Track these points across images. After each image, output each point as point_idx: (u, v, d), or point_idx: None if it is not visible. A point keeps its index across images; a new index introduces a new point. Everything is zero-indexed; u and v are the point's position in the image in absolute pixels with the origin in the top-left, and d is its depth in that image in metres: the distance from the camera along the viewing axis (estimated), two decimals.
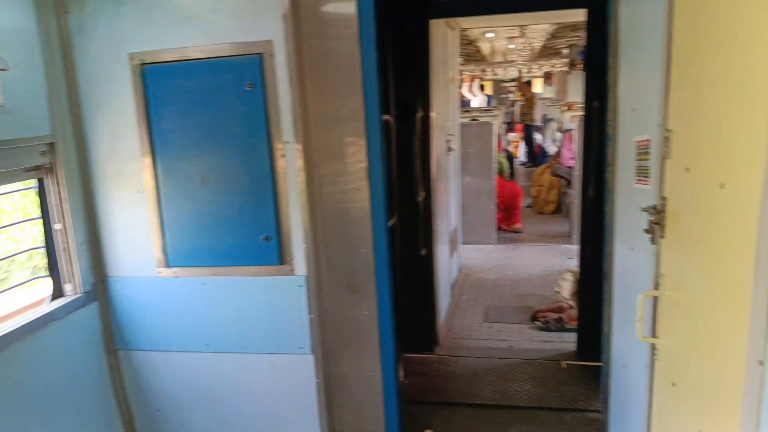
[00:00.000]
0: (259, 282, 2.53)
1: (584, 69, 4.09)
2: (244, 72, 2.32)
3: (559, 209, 8.37)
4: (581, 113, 8.15)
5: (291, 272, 2.52)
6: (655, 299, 1.76)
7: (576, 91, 13.17)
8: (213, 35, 2.34)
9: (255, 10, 2.29)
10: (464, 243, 6.39)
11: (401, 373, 3.75)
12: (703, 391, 1.34)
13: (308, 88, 2.43)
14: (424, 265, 4.02)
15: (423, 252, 3.94)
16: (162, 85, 2.43)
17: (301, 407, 2.64)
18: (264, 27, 2.29)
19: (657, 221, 1.71)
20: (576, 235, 6.76)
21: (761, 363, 1.01)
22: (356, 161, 2.55)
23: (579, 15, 6.92)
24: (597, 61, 3.79)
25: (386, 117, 2.86)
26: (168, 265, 2.57)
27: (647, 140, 1.89)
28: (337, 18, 2.44)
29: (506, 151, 10.05)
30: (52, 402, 2.35)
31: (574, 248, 6.64)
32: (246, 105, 2.34)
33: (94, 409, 2.64)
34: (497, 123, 7.47)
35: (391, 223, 3.02)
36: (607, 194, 2.59)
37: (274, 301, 2.55)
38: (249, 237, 2.47)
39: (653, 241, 1.77)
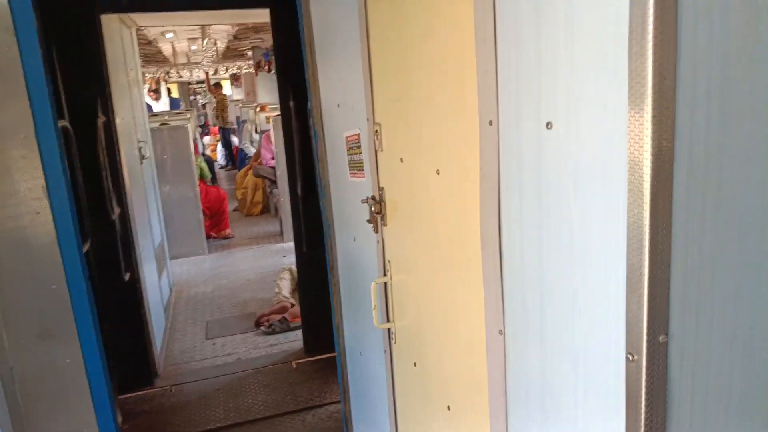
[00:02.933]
0: None
1: (276, 69, 4.11)
2: None
3: (267, 209, 8.43)
4: (276, 113, 8.34)
5: None
6: (386, 285, 1.83)
7: (266, 91, 13.45)
8: None
9: None
10: (173, 258, 5.92)
11: (119, 419, 3.26)
12: (446, 367, 1.43)
13: None
14: (130, 292, 3.55)
15: (127, 276, 3.47)
16: None
17: None
18: None
19: (378, 211, 1.77)
20: (288, 233, 6.91)
21: (501, 332, 1.09)
22: (30, 178, 2.07)
23: (261, 16, 7.01)
24: (288, 61, 3.87)
25: (63, 123, 2.39)
26: None
27: (357, 135, 1.95)
28: None
29: (204, 155, 9.70)
30: None
31: (287, 246, 6.78)
32: None
33: None
34: (191, 127, 7.09)
35: (85, 248, 2.55)
36: (321, 190, 2.62)
37: None
38: None
39: (376, 229, 1.84)
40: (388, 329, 1.87)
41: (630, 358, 0.76)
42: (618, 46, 0.71)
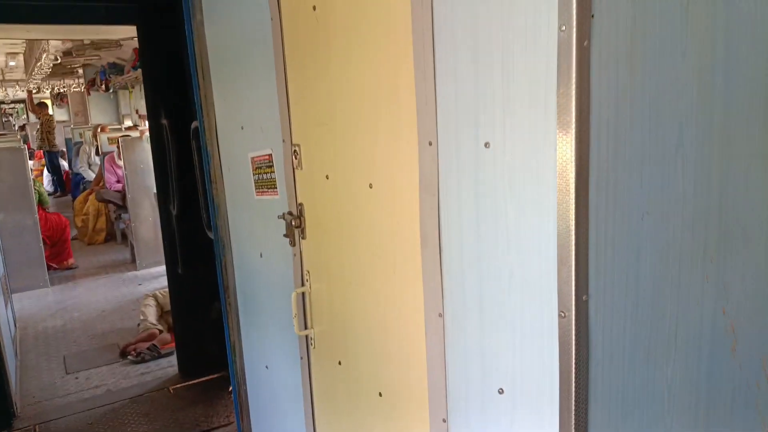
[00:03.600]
0: None
1: (144, 87, 4.01)
2: None
3: (112, 236, 7.90)
4: (120, 134, 7.89)
5: None
6: (303, 294, 1.97)
7: (100, 111, 12.57)
8: None
9: None
10: (12, 292, 5.34)
11: None
12: (377, 357, 1.62)
13: None
14: None
15: None
16: None
17: None
18: None
19: (297, 225, 1.92)
20: (142, 259, 6.58)
21: (440, 315, 1.32)
22: None
23: (107, 32, 6.65)
24: (157, 79, 3.81)
25: None
26: None
27: (268, 155, 2.08)
28: None
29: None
30: None
31: (142, 273, 6.46)
32: None
33: None
34: (26, 149, 6.47)
35: None
36: (214, 211, 2.67)
37: None
38: None
39: (293, 243, 1.98)
40: (306, 336, 2.01)
41: (562, 314, 1.03)
42: (547, 88, 0.99)
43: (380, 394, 1.64)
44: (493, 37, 1.08)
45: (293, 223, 1.92)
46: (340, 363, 1.83)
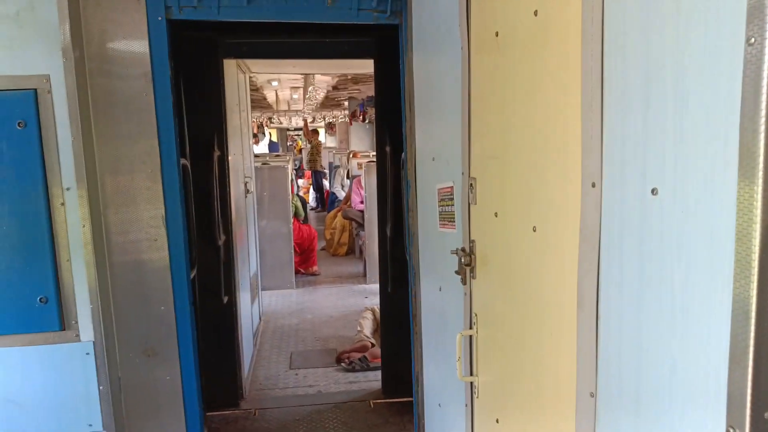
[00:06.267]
0: (36, 352, 2.11)
1: (375, 115, 4.29)
2: (14, 109, 1.96)
3: (352, 251, 8.63)
4: (367, 160, 8.61)
5: (75, 338, 2.15)
6: (471, 338, 1.84)
7: (358, 139, 13.97)
8: None
9: (27, 40, 1.98)
10: (263, 289, 6.18)
11: None
12: (531, 426, 1.41)
13: (93, 129, 2.14)
14: (226, 314, 3.76)
15: (225, 300, 3.69)
16: None
17: None
18: (39, 60, 1.99)
19: (468, 263, 1.80)
20: (371, 275, 7.03)
21: (592, 395, 1.08)
22: (153, 208, 2.30)
23: (361, 67, 7.34)
24: (387, 108, 4.03)
25: (183, 161, 2.63)
26: None
27: (450, 187, 2.01)
28: (127, 56, 2.23)
29: (299, 195, 10.14)
30: None
31: (370, 287, 6.89)
32: (17, 146, 1.97)
33: None
34: (290, 167, 7.48)
35: (192, 274, 2.76)
36: (410, 238, 2.69)
37: (54, 374, 2.15)
38: (20, 299, 2.06)
39: (464, 281, 1.86)
40: (471, 383, 1.87)
41: None
42: (728, 121, 0.73)
43: None
44: (665, 56, 0.85)
45: (463, 261, 1.81)
46: (497, 421, 1.65)
